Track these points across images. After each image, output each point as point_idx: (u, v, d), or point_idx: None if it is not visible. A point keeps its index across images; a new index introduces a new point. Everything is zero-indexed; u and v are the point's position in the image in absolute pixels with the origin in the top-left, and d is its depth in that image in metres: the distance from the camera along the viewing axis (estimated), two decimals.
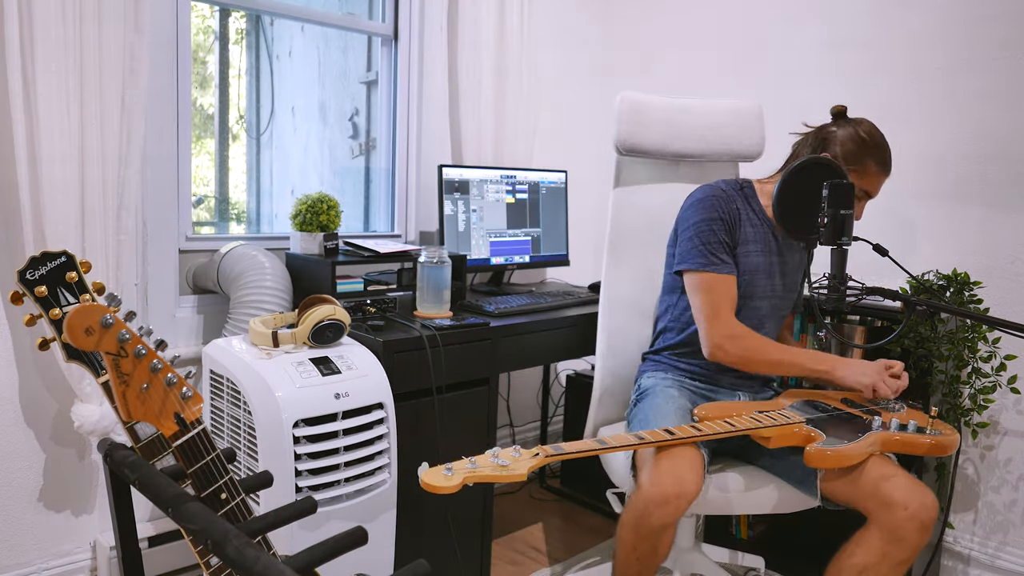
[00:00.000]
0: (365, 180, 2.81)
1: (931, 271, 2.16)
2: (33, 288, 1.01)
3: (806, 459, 1.49)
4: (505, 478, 1.26)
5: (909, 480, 1.49)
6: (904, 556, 1.45)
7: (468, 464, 1.26)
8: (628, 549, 1.55)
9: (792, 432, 1.55)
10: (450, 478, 1.22)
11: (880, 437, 1.55)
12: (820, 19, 2.49)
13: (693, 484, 1.49)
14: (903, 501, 1.45)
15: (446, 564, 1.95)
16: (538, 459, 1.33)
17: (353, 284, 2.02)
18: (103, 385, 1.05)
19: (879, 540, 1.46)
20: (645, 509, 1.49)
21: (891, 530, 1.45)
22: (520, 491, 2.85)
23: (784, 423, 1.57)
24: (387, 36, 2.62)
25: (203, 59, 3.17)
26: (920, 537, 1.45)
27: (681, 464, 1.50)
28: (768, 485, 1.68)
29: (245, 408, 1.59)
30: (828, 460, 1.50)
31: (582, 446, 1.43)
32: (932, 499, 1.47)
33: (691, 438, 1.51)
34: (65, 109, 1.69)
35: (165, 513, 0.90)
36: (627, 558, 1.56)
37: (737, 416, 1.60)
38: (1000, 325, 1.50)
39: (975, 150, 2.17)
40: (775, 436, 1.54)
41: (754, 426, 1.55)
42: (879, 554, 1.46)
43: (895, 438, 1.55)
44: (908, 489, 1.47)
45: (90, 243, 1.75)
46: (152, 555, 1.92)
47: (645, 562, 1.55)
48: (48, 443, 1.89)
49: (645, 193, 2.12)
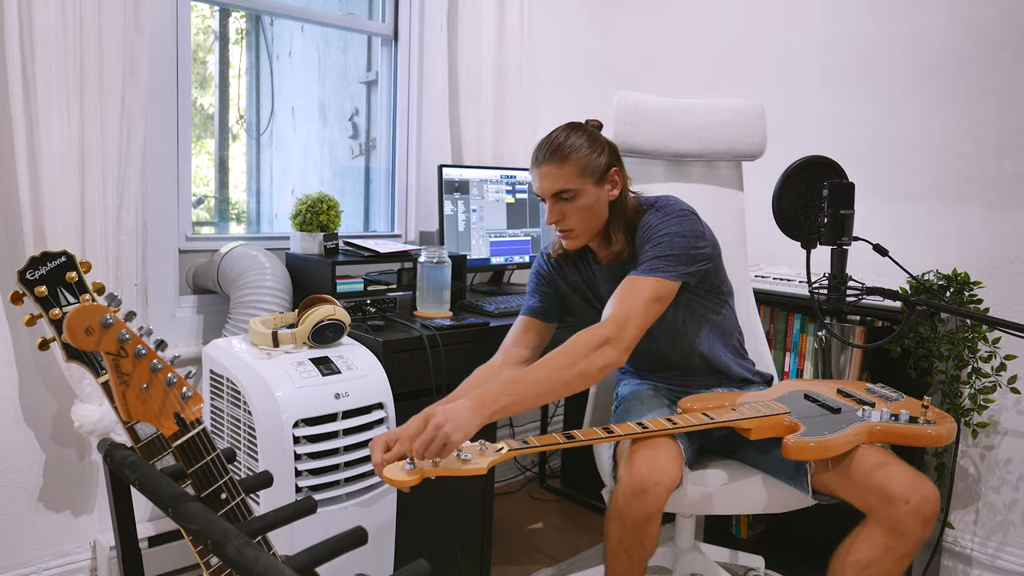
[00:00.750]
0: (365, 180, 2.81)
1: (931, 271, 2.16)
2: (33, 288, 1.01)
3: (784, 451, 1.46)
4: (465, 472, 1.27)
5: (909, 472, 1.46)
6: (907, 550, 1.43)
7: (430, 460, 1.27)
8: (615, 544, 1.54)
9: (774, 423, 1.52)
10: (411, 472, 1.24)
11: (867, 427, 1.51)
12: (819, 19, 2.49)
13: (670, 473, 1.47)
14: (903, 495, 1.42)
15: (446, 564, 1.95)
16: (501, 454, 1.33)
17: (353, 284, 2.02)
18: (103, 385, 1.05)
19: (881, 535, 1.44)
20: (625, 501, 1.48)
21: (892, 525, 1.43)
22: (520, 491, 2.85)
23: (766, 414, 1.54)
24: (387, 36, 2.62)
25: (203, 59, 3.17)
26: (923, 530, 1.42)
27: (658, 454, 1.49)
28: (756, 483, 1.66)
29: (245, 408, 1.59)
30: (810, 451, 1.46)
31: (548, 440, 1.42)
32: (933, 491, 1.43)
33: (663, 431, 1.50)
34: (65, 109, 1.69)
35: (165, 513, 0.90)
36: (615, 552, 1.55)
37: (718, 408, 1.57)
38: (1000, 325, 1.50)
39: (975, 150, 2.17)
40: (756, 427, 1.51)
41: (733, 417, 1.52)
42: (882, 549, 1.43)
43: (884, 428, 1.51)
44: (908, 482, 1.43)
45: (90, 243, 1.75)
46: (152, 555, 1.92)
47: (633, 555, 1.53)
48: (48, 443, 1.89)
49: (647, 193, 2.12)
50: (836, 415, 1.57)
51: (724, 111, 2.12)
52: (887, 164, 2.33)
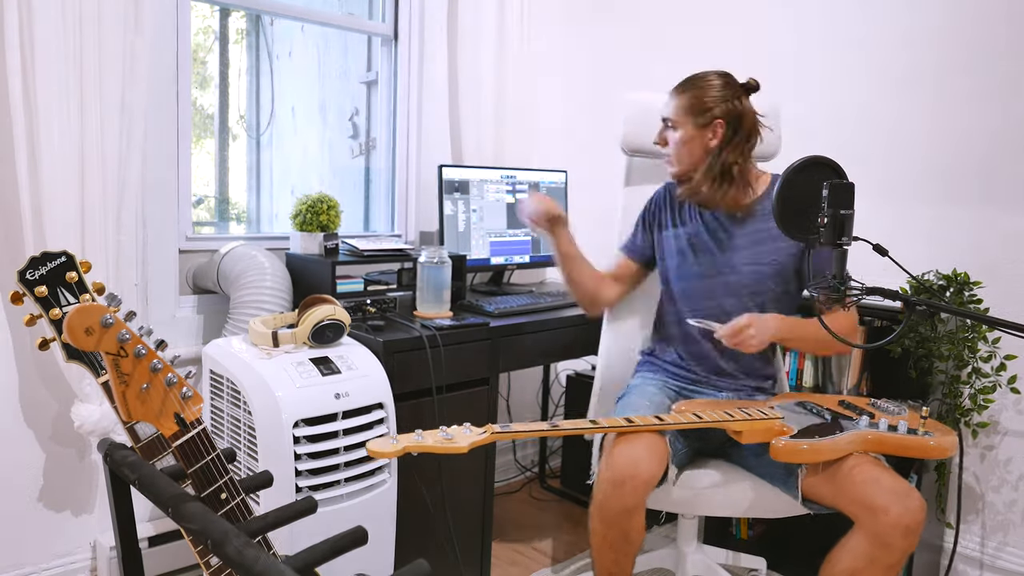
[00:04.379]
0: (365, 180, 2.81)
1: (931, 271, 2.16)
2: (33, 288, 1.01)
3: (773, 453, 1.46)
4: (446, 450, 1.33)
5: (893, 483, 1.45)
6: (892, 560, 1.41)
7: (415, 436, 1.34)
8: (599, 539, 1.55)
9: (766, 427, 1.52)
10: (395, 446, 1.31)
11: (860, 436, 1.51)
12: (819, 19, 2.49)
13: (649, 467, 1.48)
14: (884, 506, 1.41)
15: (446, 564, 1.95)
16: (484, 436, 1.37)
17: (353, 284, 2.02)
18: (103, 385, 1.05)
19: (866, 545, 1.43)
20: (603, 493, 1.50)
21: (876, 535, 1.42)
22: (520, 491, 2.85)
23: (759, 418, 1.54)
24: (387, 36, 2.62)
25: (203, 59, 3.17)
26: (905, 542, 1.40)
27: (636, 448, 1.50)
28: (746, 486, 1.66)
29: (245, 408, 1.59)
30: (802, 454, 1.46)
31: (532, 427, 1.45)
32: (917, 503, 1.41)
33: (649, 427, 1.50)
34: (65, 109, 1.69)
35: (165, 513, 0.90)
36: (600, 547, 1.56)
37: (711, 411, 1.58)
38: (1000, 325, 1.50)
39: (975, 150, 2.17)
40: (747, 430, 1.51)
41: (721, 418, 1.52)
42: (867, 559, 1.42)
43: (877, 437, 1.51)
44: (891, 493, 1.42)
45: (90, 243, 1.75)
46: (152, 555, 1.92)
47: (618, 549, 1.54)
48: (48, 443, 1.88)
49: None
50: (830, 423, 1.58)
51: None
52: (887, 164, 2.32)
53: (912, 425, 1.55)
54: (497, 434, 1.39)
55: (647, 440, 1.52)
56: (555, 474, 2.96)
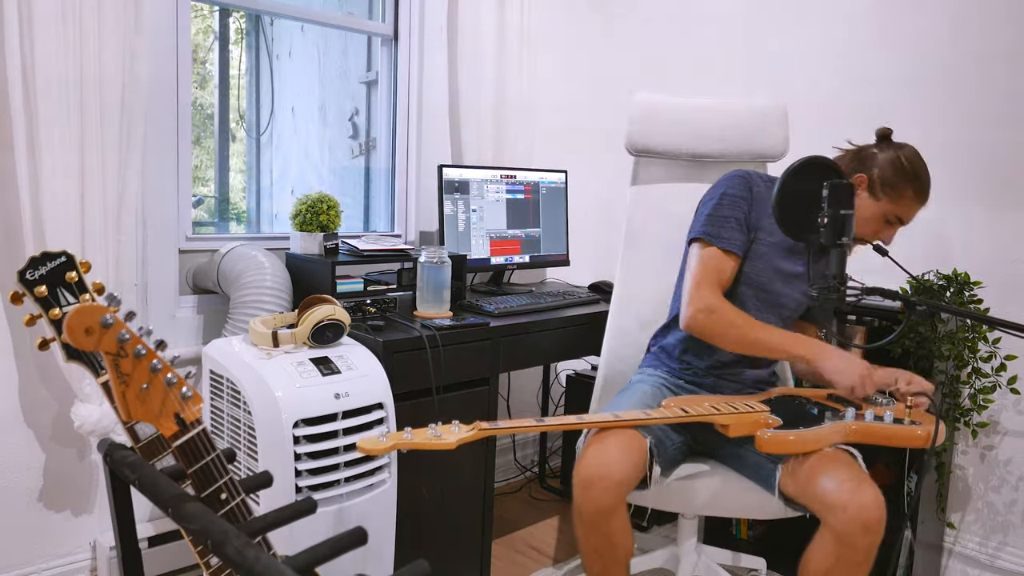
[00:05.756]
0: (365, 180, 2.81)
1: (931, 271, 2.16)
2: (33, 288, 1.01)
3: (758, 444, 1.45)
4: (434, 446, 1.33)
5: (850, 478, 1.42)
6: (858, 559, 1.40)
7: (405, 434, 1.34)
8: (583, 543, 1.52)
9: (753, 420, 1.51)
10: (384, 443, 1.32)
11: (846, 426, 1.50)
12: (819, 20, 2.49)
13: (621, 467, 1.44)
14: (841, 503, 1.39)
15: (446, 564, 1.95)
16: (472, 433, 1.37)
17: (353, 284, 2.02)
18: (103, 385, 1.05)
19: (832, 543, 1.41)
20: (576, 495, 1.47)
21: (838, 534, 1.40)
22: (520, 491, 2.85)
23: (745, 411, 1.54)
24: (387, 36, 2.62)
25: (203, 59, 3.17)
26: (866, 538, 1.38)
27: (608, 448, 1.47)
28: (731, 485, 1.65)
29: (245, 408, 1.59)
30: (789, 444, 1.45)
31: (518, 423, 1.44)
32: (873, 498, 1.39)
33: (634, 422, 1.49)
34: (65, 109, 1.69)
35: (165, 513, 0.90)
36: (586, 551, 1.53)
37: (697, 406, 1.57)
38: (1000, 325, 1.50)
39: (975, 150, 2.17)
40: (733, 424, 1.50)
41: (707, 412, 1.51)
42: (834, 557, 1.41)
43: (865, 428, 1.50)
44: (847, 490, 1.40)
45: (90, 243, 1.75)
46: (152, 555, 1.92)
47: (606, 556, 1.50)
48: (48, 443, 1.88)
49: (663, 192, 2.11)
50: (816, 415, 1.58)
51: (743, 112, 2.11)
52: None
53: (898, 415, 1.55)
54: (484, 430, 1.38)
55: (621, 440, 1.49)
56: (555, 474, 2.96)
